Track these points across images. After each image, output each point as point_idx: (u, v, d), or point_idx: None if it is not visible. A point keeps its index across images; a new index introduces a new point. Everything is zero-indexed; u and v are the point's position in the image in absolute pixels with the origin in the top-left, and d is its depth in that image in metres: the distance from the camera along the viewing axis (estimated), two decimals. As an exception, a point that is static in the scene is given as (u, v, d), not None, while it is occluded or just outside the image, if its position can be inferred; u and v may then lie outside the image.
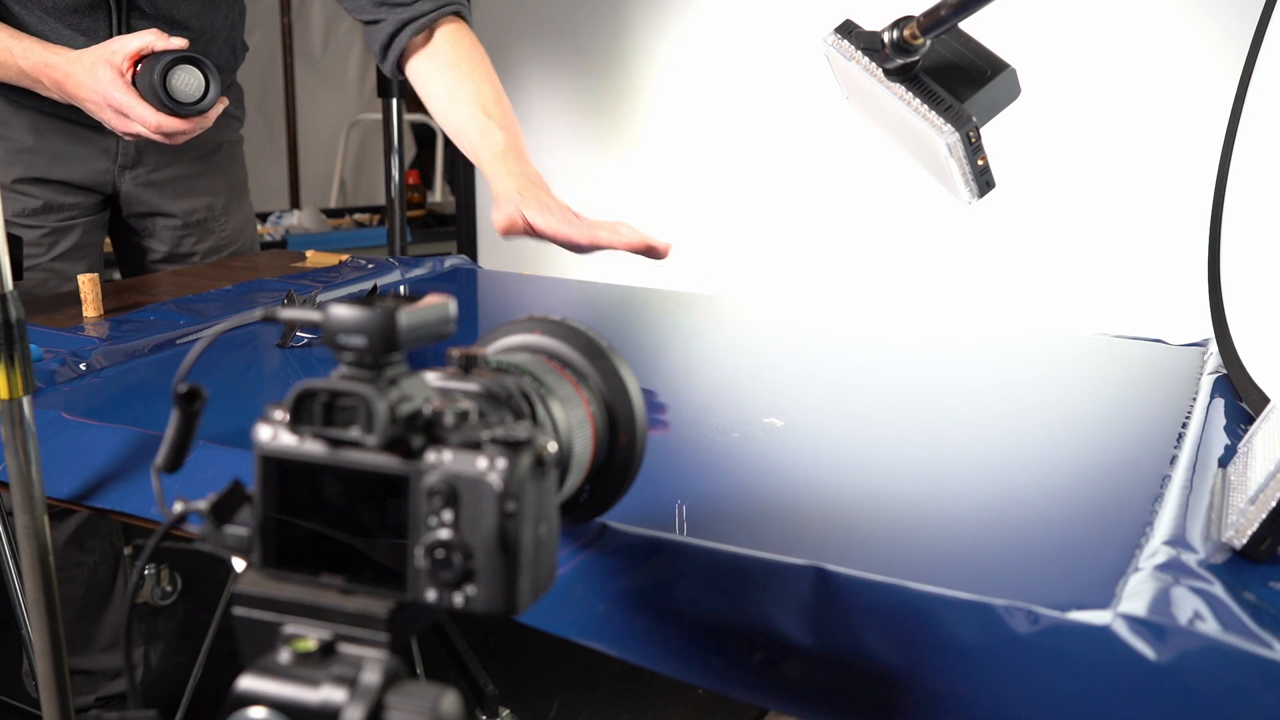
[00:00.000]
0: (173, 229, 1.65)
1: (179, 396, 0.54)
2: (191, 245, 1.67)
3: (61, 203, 1.53)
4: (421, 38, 1.41)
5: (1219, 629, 0.58)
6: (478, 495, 0.46)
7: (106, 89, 1.31)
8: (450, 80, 1.40)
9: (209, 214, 1.67)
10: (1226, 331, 1.05)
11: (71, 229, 1.55)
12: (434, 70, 1.42)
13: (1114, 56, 1.72)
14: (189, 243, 1.67)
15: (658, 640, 0.68)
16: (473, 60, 1.41)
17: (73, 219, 1.55)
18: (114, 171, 1.56)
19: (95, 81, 1.32)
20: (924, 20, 0.82)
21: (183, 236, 1.66)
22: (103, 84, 1.31)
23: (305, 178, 4.66)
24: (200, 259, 1.68)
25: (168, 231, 1.65)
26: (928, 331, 1.39)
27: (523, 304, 1.57)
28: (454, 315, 0.50)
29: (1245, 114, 1.09)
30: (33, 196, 1.50)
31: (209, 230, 1.68)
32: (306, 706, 0.43)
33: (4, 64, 1.37)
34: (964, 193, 0.88)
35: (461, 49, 1.42)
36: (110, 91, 1.31)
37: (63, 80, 1.34)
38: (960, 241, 1.89)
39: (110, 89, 1.31)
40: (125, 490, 0.88)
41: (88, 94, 1.33)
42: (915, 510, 0.83)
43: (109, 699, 1.65)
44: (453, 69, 1.40)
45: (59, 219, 1.53)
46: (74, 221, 1.55)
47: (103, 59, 1.31)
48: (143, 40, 1.32)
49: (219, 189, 1.68)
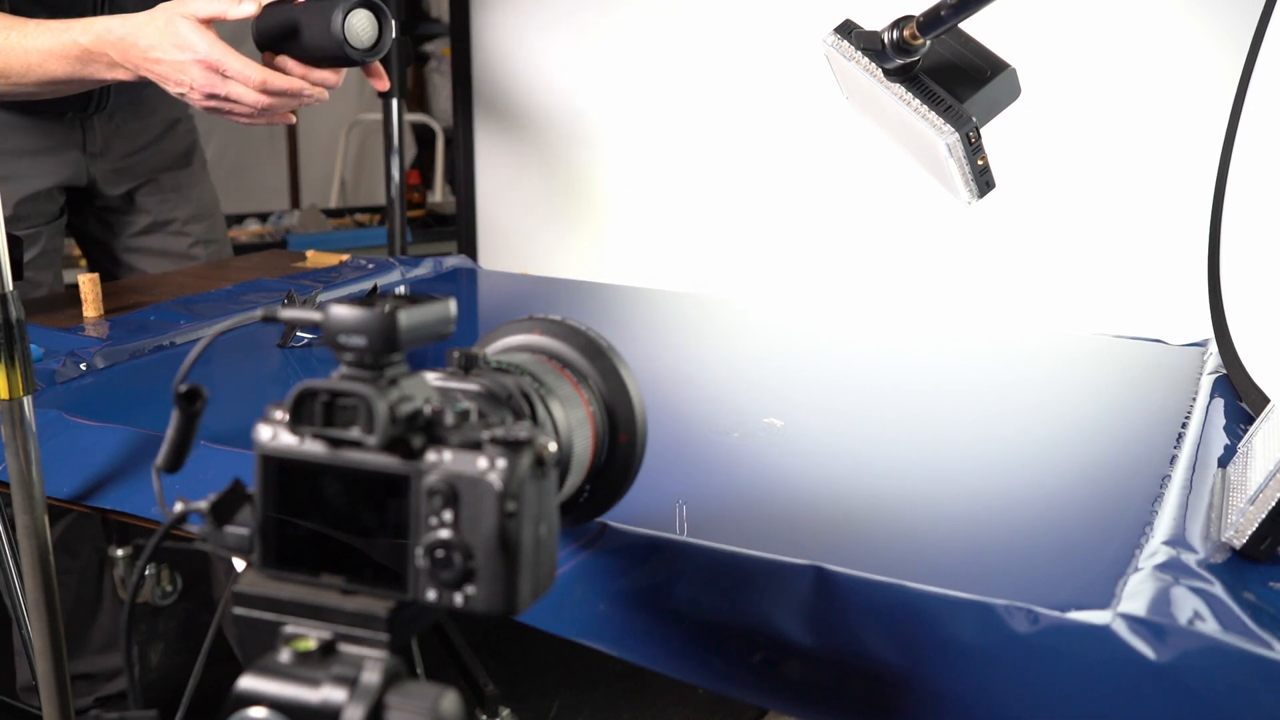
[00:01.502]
0: (152, 194, 1.59)
1: (179, 396, 0.54)
2: (170, 211, 1.62)
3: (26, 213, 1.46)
4: None
5: (1219, 629, 0.58)
6: (478, 495, 0.46)
7: (194, 43, 1.13)
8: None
9: (183, 178, 1.63)
10: (1226, 331, 1.05)
11: (36, 238, 1.48)
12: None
13: (1114, 56, 1.72)
14: (167, 208, 1.62)
15: (658, 640, 0.68)
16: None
17: (35, 226, 1.48)
18: (84, 161, 1.50)
19: (176, 38, 1.14)
20: (924, 20, 0.82)
21: (161, 202, 1.61)
22: (187, 39, 1.13)
23: (305, 178, 4.65)
24: (181, 225, 1.63)
25: (150, 199, 1.59)
26: (928, 331, 1.39)
27: (523, 304, 1.56)
28: (454, 315, 0.50)
29: (1245, 114, 1.09)
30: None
31: (186, 197, 1.63)
32: (307, 706, 0.43)
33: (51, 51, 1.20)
34: (964, 193, 0.88)
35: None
36: (201, 47, 1.13)
37: (129, 46, 1.16)
38: (960, 241, 1.89)
39: (199, 42, 1.13)
40: (125, 490, 0.88)
41: (167, 54, 1.15)
42: (915, 510, 0.83)
43: (108, 699, 1.65)
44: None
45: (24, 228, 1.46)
46: (37, 229, 1.49)
47: (176, 13, 1.15)
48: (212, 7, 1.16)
49: (181, 159, 1.64)
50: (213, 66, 1.14)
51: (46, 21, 1.21)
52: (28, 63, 1.21)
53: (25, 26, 1.20)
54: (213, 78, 1.14)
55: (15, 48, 1.20)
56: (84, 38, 1.18)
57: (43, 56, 1.20)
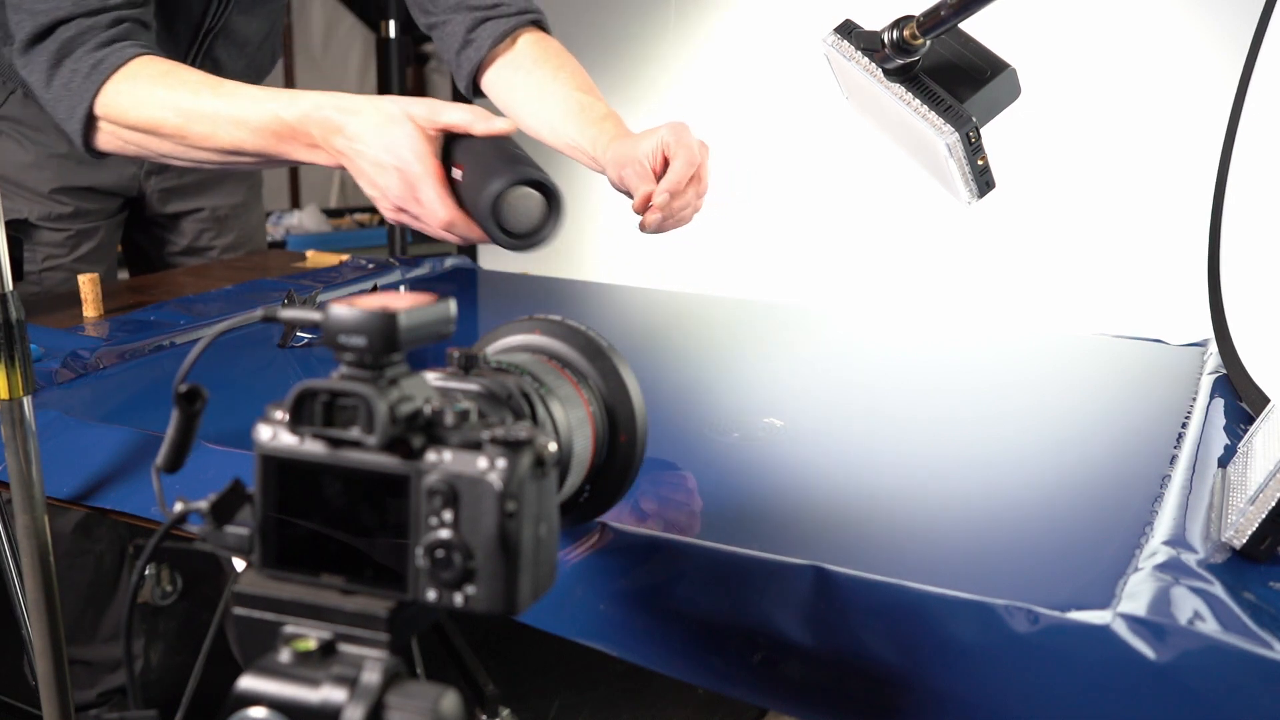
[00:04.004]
0: (197, 222, 1.66)
1: (179, 396, 0.54)
2: (210, 239, 1.69)
3: (89, 209, 1.54)
4: (503, 46, 1.30)
5: (1219, 629, 0.58)
6: (478, 495, 0.46)
7: (404, 155, 0.99)
8: (540, 76, 1.26)
9: (231, 211, 1.70)
10: (1226, 331, 1.05)
11: (95, 231, 1.56)
12: (517, 72, 1.28)
13: (1114, 56, 1.72)
14: (208, 236, 1.68)
15: (658, 640, 0.68)
16: (563, 58, 1.29)
17: (96, 222, 1.56)
18: (139, 177, 1.57)
19: (387, 139, 0.99)
20: (924, 20, 0.82)
21: (203, 230, 1.67)
22: (400, 146, 0.99)
23: (306, 178, 4.65)
24: (218, 254, 1.70)
25: (192, 225, 1.66)
26: (927, 331, 1.39)
27: (523, 304, 1.57)
28: (454, 315, 0.50)
29: (1245, 114, 1.09)
30: (64, 203, 1.51)
31: (229, 226, 1.70)
32: (307, 706, 0.43)
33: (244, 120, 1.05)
34: (964, 193, 0.88)
35: (550, 50, 1.30)
36: (409, 159, 0.99)
37: (334, 130, 1.01)
38: (960, 241, 1.89)
39: (410, 156, 0.99)
40: (125, 490, 0.88)
41: (371, 150, 1.00)
42: (915, 510, 0.83)
43: (111, 693, 1.65)
44: (540, 66, 1.27)
45: (85, 223, 1.54)
46: (98, 224, 1.56)
47: (403, 114, 1.00)
48: (461, 116, 1.01)
49: (239, 187, 1.71)
50: (412, 185, 0.99)
51: (245, 86, 1.07)
52: (213, 129, 1.06)
53: (220, 87, 1.07)
54: (407, 196, 1.00)
55: (203, 110, 1.05)
56: (288, 112, 1.03)
57: (233, 125, 1.04)
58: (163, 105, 1.07)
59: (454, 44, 1.34)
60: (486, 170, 0.97)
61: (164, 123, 1.07)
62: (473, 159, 1.00)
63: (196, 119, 1.06)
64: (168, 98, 1.07)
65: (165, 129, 1.08)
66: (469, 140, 1.01)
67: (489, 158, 0.99)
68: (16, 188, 1.48)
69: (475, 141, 1.01)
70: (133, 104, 1.09)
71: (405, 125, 0.99)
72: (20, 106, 1.46)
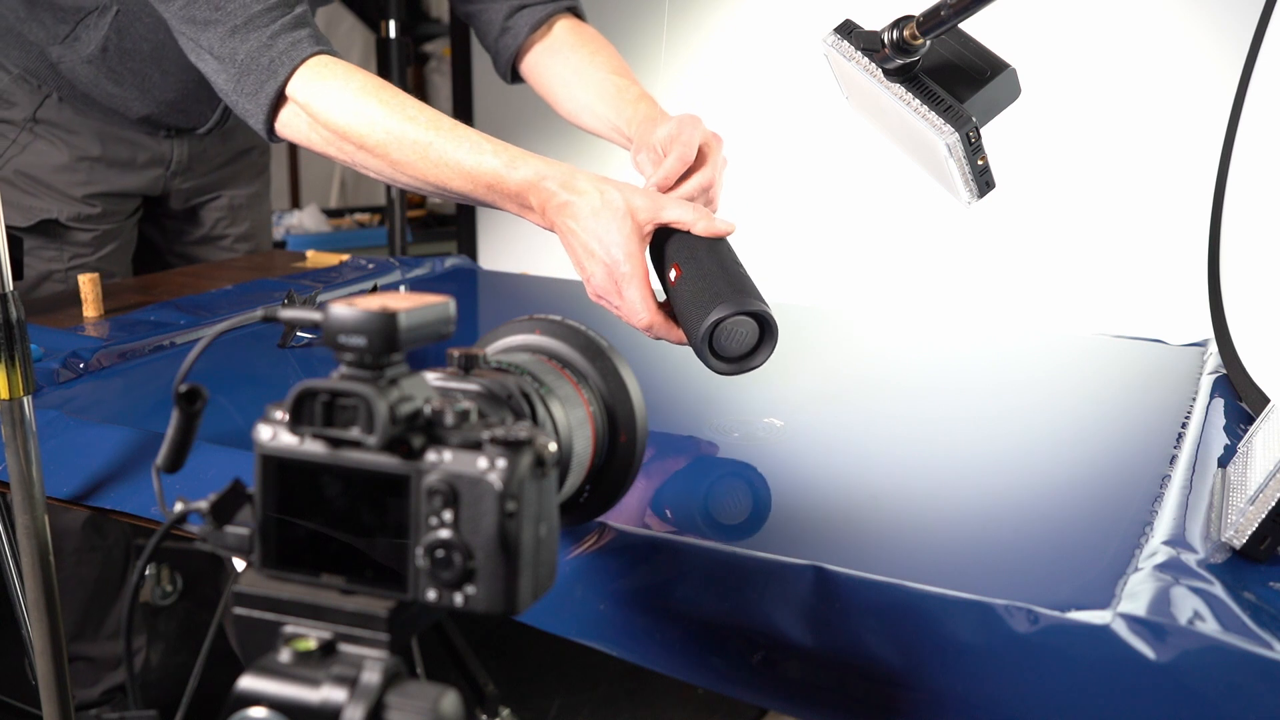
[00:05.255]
0: (215, 210, 1.70)
1: (179, 396, 0.54)
2: (225, 228, 1.72)
3: (115, 209, 1.57)
4: (540, 32, 1.33)
5: (1219, 629, 0.58)
6: (478, 495, 0.46)
7: (615, 253, 0.97)
8: (576, 61, 1.28)
9: (246, 200, 1.73)
10: (1226, 331, 1.05)
11: (119, 231, 1.59)
12: (555, 58, 1.30)
13: (1114, 56, 1.72)
14: (223, 225, 1.72)
15: (658, 640, 0.68)
16: (599, 43, 1.32)
17: (120, 222, 1.59)
18: (165, 178, 1.60)
19: (601, 230, 0.97)
20: (924, 20, 0.82)
21: (219, 219, 1.71)
22: (611, 242, 0.97)
23: (306, 178, 4.65)
24: (231, 242, 1.73)
25: (210, 214, 1.70)
26: (928, 331, 1.39)
27: (523, 304, 1.57)
28: (454, 315, 0.50)
29: (1245, 114, 1.09)
30: (93, 205, 1.53)
31: (242, 216, 1.73)
32: (307, 706, 0.43)
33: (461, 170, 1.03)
34: (964, 193, 0.88)
35: (586, 35, 1.32)
36: (618, 257, 0.97)
37: (558, 205, 1.00)
38: (960, 241, 1.89)
39: (620, 255, 0.97)
40: (125, 490, 0.88)
41: (585, 235, 0.98)
42: (915, 510, 0.83)
43: (114, 690, 1.65)
44: (576, 51, 1.29)
45: (110, 223, 1.57)
46: (120, 224, 1.59)
47: (624, 206, 0.98)
48: (683, 214, 1.00)
49: (254, 179, 1.75)
50: (617, 281, 0.98)
51: (462, 127, 1.05)
52: (430, 167, 1.04)
53: (441, 127, 1.04)
54: (611, 289, 1.00)
55: (415, 139, 1.04)
56: (510, 175, 1.01)
57: (451, 172, 1.03)
58: (371, 119, 1.05)
59: (492, 31, 1.36)
60: (710, 291, 0.95)
61: (366, 136, 1.05)
62: (695, 268, 0.98)
63: (405, 144, 1.04)
64: (378, 113, 1.05)
65: (367, 141, 1.05)
66: (689, 240, 1.00)
67: (713, 275, 0.97)
68: (48, 189, 1.50)
69: (696, 245, 1.00)
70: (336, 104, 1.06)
71: (622, 221, 0.97)
72: (55, 110, 1.48)
